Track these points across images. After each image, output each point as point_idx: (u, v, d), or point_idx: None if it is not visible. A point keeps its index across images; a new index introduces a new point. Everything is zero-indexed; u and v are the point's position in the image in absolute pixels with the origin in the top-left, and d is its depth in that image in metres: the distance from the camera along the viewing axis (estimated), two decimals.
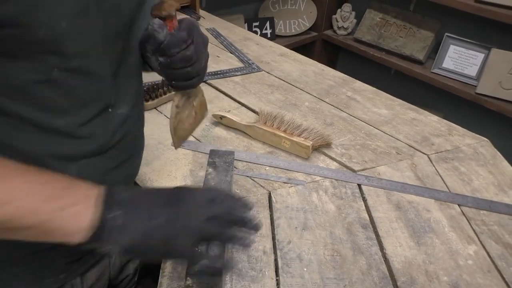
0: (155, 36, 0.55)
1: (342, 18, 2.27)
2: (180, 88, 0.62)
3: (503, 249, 0.71)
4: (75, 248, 0.46)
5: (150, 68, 0.64)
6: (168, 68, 0.58)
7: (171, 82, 0.61)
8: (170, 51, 0.56)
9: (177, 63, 0.57)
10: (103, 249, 0.47)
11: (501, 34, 1.84)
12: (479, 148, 0.96)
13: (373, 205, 0.78)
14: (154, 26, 0.55)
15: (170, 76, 0.60)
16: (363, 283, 0.64)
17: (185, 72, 0.59)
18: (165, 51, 0.56)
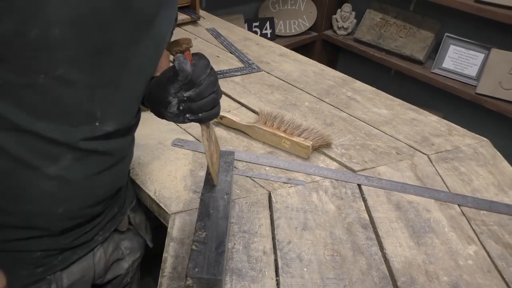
0: (183, 69, 0.56)
1: (342, 18, 2.27)
2: (208, 119, 0.62)
3: (503, 249, 0.71)
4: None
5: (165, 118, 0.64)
6: (196, 99, 0.59)
7: (197, 115, 0.61)
8: (198, 80, 0.58)
9: (206, 90, 0.59)
10: None
11: (501, 34, 1.84)
12: (479, 148, 0.96)
13: (373, 205, 0.78)
14: (180, 59, 0.57)
15: (197, 109, 0.60)
16: (363, 283, 0.64)
17: (211, 98, 0.60)
18: (194, 82, 0.58)
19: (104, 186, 0.64)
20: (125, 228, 0.76)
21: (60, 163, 0.56)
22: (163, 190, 0.78)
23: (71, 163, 0.57)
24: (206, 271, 0.55)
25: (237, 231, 0.70)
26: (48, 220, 0.60)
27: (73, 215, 0.62)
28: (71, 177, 0.58)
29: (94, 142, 0.58)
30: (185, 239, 0.68)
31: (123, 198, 0.75)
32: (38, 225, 0.60)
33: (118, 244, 0.76)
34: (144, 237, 0.81)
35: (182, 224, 0.71)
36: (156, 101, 0.62)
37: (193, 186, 0.79)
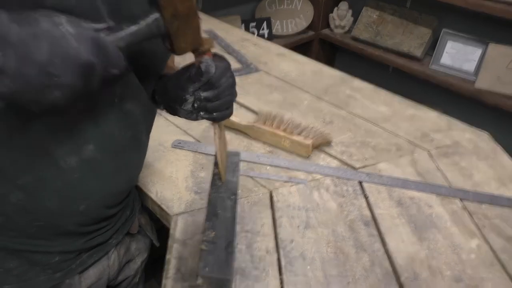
0: (209, 72, 0.56)
1: (339, 17, 2.27)
2: (222, 118, 0.62)
3: (506, 243, 0.71)
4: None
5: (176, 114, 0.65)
6: (213, 100, 0.58)
7: (212, 115, 0.60)
8: (219, 82, 0.57)
9: (224, 91, 0.58)
10: None
11: (498, 29, 1.84)
12: (479, 143, 0.96)
13: (374, 202, 0.78)
14: (208, 61, 0.56)
15: (212, 109, 0.60)
16: (367, 279, 0.64)
17: (228, 99, 0.60)
18: (214, 83, 0.57)
19: (122, 183, 0.65)
20: (136, 230, 0.77)
21: (82, 154, 0.56)
22: (164, 192, 0.78)
23: (92, 153, 0.57)
24: (217, 271, 0.54)
25: (239, 230, 0.70)
26: (68, 219, 0.60)
27: (93, 214, 0.63)
28: (92, 170, 0.58)
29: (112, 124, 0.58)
30: (188, 240, 0.68)
31: (133, 201, 0.75)
32: (58, 224, 0.60)
33: (129, 246, 0.77)
34: (151, 237, 0.82)
35: (184, 225, 0.71)
36: (172, 97, 0.63)
37: (194, 187, 0.79)
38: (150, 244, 0.83)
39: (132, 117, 0.61)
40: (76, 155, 0.56)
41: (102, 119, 0.57)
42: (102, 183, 0.61)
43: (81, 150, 0.56)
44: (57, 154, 0.54)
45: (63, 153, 0.55)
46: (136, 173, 0.70)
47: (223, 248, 0.58)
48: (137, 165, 0.69)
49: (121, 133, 0.60)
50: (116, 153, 0.61)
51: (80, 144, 0.56)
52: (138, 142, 0.66)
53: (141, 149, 0.69)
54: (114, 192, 0.64)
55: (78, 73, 0.42)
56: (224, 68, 0.58)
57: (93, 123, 0.56)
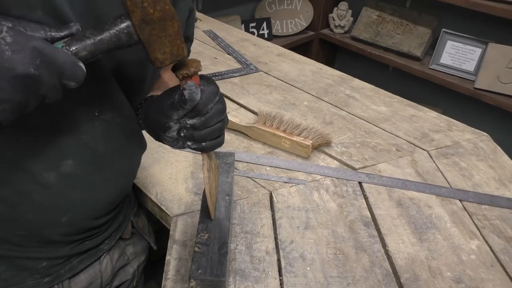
0: (193, 99, 0.50)
1: (338, 17, 2.27)
2: (212, 148, 0.56)
3: (506, 243, 0.71)
4: None
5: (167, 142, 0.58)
6: (200, 128, 0.53)
7: (200, 144, 0.54)
8: (205, 108, 0.51)
9: (212, 118, 0.53)
10: None
11: (498, 29, 1.84)
12: (479, 143, 0.96)
13: (374, 203, 0.78)
14: (192, 88, 0.50)
15: (200, 138, 0.53)
16: (367, 280, 0.64)
17: (218, 127, 0.54)
18: (200, 110, 0.51)
19: (110, 195, 0.63)
20: (128, 235, 0.76)
21: (61, 169, 0.55)
22: (164, 193, 0.78)
23: (72, 168, 0.55)
24: (209, 273, 0.55)
25: (239, 232, 0.70)
26: (51, 230, 0.59)
27: (78, 225, 0.61)
28: (73, 185, 0.56)
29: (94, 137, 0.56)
30: (188, 241, 0.68)
31: (126, 206, 0.74)
32: (41, 234, 0.58)
33: (124, 250, 0.75)
34: (148, 240, 0.81)
35: (184, 226, 0.71)
36: (154, 124, 0.56)
37: (194, 188, 0.79)
38: (148, 246, 0.82)
39: (116, 129, 0.59)
40: (54, 170, 0.54)
41: (82, 133, 0.55)
42: (85, 196, 0.59)
43: (59, 165, 0.54)
44: (34, 169, 0.53)
45: (40, 169, 0.53)
46: (127, 182, 0.68)
47: (216, 250, 0.58)
48: (128, 174, 0.67)
49: (106, 146, 0.58)
50: (101, 166, 0.59)
51: (58, 159, 0.54)
52: (128, 152, 0.63)
53: (133, 158, 0.66)
54: (102, 204, 0.63)
55: (16, 86, 0.38)
56: (211, 92, 0.52)
57: (71, 138, 0.54)
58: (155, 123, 0.55)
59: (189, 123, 0.52)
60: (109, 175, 0.61)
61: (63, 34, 0.43)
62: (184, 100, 0.50)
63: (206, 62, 1.25)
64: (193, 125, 0.52)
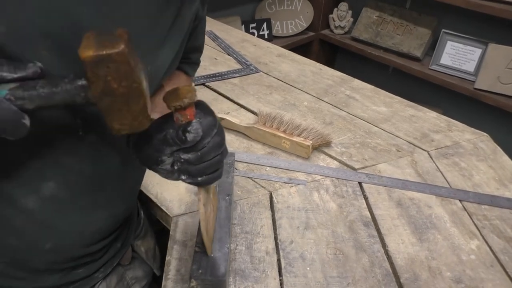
0: (194, 140, 0.45)
1: (339, 17, 2.27)
2: (209, 182, 0.50)
3: (506, 243, 0.71)
4: None
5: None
6: (198, 163, 0.47)
7: (196, 179, 0.49)
8: (202, 143, 0.46)
9: (210, 153, 0.47)
10: None
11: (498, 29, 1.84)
12: (479, 143, 0.96)
13: (374, 203, 0.78)
14: (198, 131, 0.45)
15: (196, 173, 0.48)
16: (366, 280, 0.64)
17: (216, 161, 0.48)
18: (196, 145, 0.46)
19: (102, 221, 0.58)
20: (128, 261, 0.71)
21: (42, 192, 0.50)
22: (164, 193, 0.78)
23: (54, 191, 0.50)
24: (210, 273, 0.55)
25: (239, 232, 0.70)
26: (35, 257, 0.55)
27: (65, 253, 0.57)
28: (56, 210, 0.52)
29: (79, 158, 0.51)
30: (188, 242, 0.69)
31: (127, 231, 0.69)
32: (25, 262, 0.55)
33: (123, 275, 0.70)
34: (151, 265, 0.76)
35: (184, 226, 0.71)
36: (145, 157, 0.50)
37: (194, 189, 0.79)
38: (152, 271, 0.77)
39: (106, 149, 0.53)
40: (33, 194, 0.50)
41: (64, 154, 0.50)
42: (71, 222, 0.55)
43: (39, 188, 0.50)
44: (12, 193, 0.49)
45: (19, 193, 0.49)
46: (124, 207, 0.63)
47: (216, 249, 0.58)
48: (124, 198, 0.62)
49: (95, 167, 0.53)
50: (90, 189, 0.54)
51: (37, 182, 0.50)
52: (122, 174, 0.58)
53: (128, 180, 0.61)
54: (92, 230, 0.58)
55: None
56: (208, 125, 0.46)
57: (52, 159, 0.49)
58: (145, 156, 0.50)
59: (183, 158, 0.47)
60: (100, 199, 0.56)
61: (15, 76, 0.37)
62: (182, 140, 0.45)
63: (206, 62, 1.25)
64: (187, 160, 0.47)
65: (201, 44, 0.72)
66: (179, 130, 0.45)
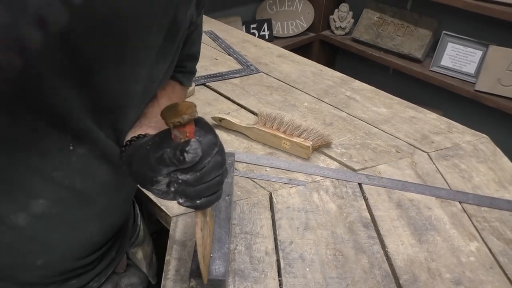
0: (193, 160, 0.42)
1: (339, 18, 2.27)
2: (207, 205, 0.47)
3: (505, 245, 0.71)
4: None
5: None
6: (196, 184, 0.44)
7: (194, 202, 0.46)
8: (202, 163, 0.43)
9: (210, 173, 0.44)
10: None
11: (499, 31, 1.84)
12: (479, 145, 0.96)
13: (374, 204, 0.78)
14: (197, 151, 0.42)
15: (194, 195, 0.45)
16: (366, 281, 0.64)
17: (215, 182, 0.45)
18: (196, 166, 0.43)
19: (94, 234, 0.58)
20: (123, 269, 0.70)
21: (31, 209, 0.49)
22: None
23: (44, 208, 0.49)
24: (209, 273, 0.55)
25: (239, 232, 0.70)
26: (26, 273, 0.54)
27: (58, 268, 0.56)
28: (47, 226, 0.51)
29: (69, 173, 0.50)
30: (187, 241, 0.69)
31: (121, 240, 0.68)
32: (16, 277, 0.54)
33: (117, 282, 0.69)
34: (147, 274, 0.74)
35: (184, 226, 0.71)
36: (139, 175, 0.47)
37: None
38: (147, 279, 0.77)
39: (97, 162, 0.52)
40: (23, 211, 0.48)
41: (54, 169, 0.48)
42: (62, 237, 0.53)
43: (29, 205, 0.48)
44: (2, 211, 0.48)
45: (7, 210, 0.48)
46: (117, 218, 0.62)
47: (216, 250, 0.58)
48: (117, 210, 0.61)
49: (85, 182, 0.52)
50: (81, 204, 0.53)
51: (26, 199, 0.48)
52: (113, 186, 0.56)
53: (120, 192, 0.59)
54: (85, 244, 0.57)
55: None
56: (208, 144, 0.43)
57: (41, 175, 0.48)
58: (140, 175, 0.47)
59: (181, 179, 0.44)
60: (91, 213, 0.55)
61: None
62: (180, 160, 0.42)
63: (207, 62, 1.25)
64: (186, 181, 0.44)
65: (196, 51, 0.69)
66: (177, 150, 0.42)
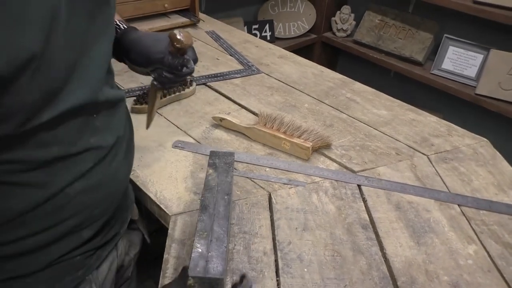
0: (181, 71, 0.68)
1: (341, 20, 2.28)
2: (170, 88, 0.82)
3: (503, 249, 0.71)
4: None
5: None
6: (173, 80, 0.70)
7: (164, 86, 0.72)
8: (188, 70, 0.69)
9: (183, 76, 0.70)
10: None
11: (500, 35, 1.84)
12: (479, 149, 0.96)
13: (373, 206, 0.78)
14: (189, 65, 0.68)
15: (167, 83, 0.70)
16: (363, 283, 0.64)
17: (183, 80, 0.75)
18: (181, 71, 0.68)
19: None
20: (136, 216, 0.80)
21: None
22: (164, 192, 0.78)
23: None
24: (208, 271, 0.55)
25: (237, 232, 0.71)
26: (85, 222, 0.61)
27: (106, 213, 0.64)
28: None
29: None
30: (186, 240, 0.69)
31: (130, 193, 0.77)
32: (79, 226, 0.60)
33: (127, 237, 0.78)
34: (143, 231, 0.83)
35: (183, 225, 0.72)
36: (130, 58, 0.69)
37: (193, 188, 0.79)
38: (142, 240, 0.84)
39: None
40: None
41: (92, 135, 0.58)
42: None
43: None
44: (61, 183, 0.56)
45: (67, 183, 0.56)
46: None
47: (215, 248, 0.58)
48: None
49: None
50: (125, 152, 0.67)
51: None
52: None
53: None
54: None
55: None
56: (194, 60, 0.69)
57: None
58: (136, 61, 0.69)
59: (165, 75, 0.68)
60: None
61: None
62: (178, 69, 0.67)
63: (208, 62, 1.25)
64: (168, 77, 0.68)
65: None
66: (178, 61, 0.67)
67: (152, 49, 0.67)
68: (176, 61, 0.67)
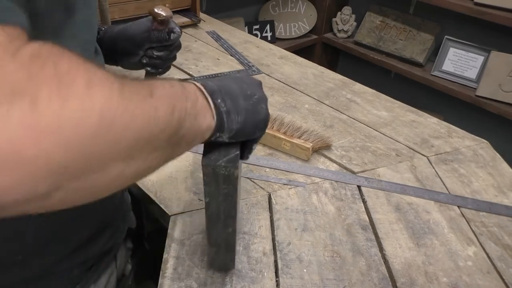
0: (169, 39, 0.69)
1: (342, 21, 2.28)
2: (164, 72, 0.76)
3: (503, 251, 0.71)
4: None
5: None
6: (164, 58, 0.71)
7: (158, 70, 0.73)
8: (176, 43, 0.70)
9: (174, 51, 0.73)
10: (216, 137, 0.47)
11: (500, 37, 1.84)
12: (479, 150, 0.96)
13: (372, 207, 0.78)
14: (175, 30, 0.70)
15: (160, 65, 0.72)
16: (363, 284, 0.64)
17: (173, 56, 0.74)
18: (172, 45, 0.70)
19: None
20: (134, 224, 0.80)
21: None
22: (163, 192, 0.78)
23: None
24: (223, 160, 0.49)
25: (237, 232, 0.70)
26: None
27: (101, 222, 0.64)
28: None
29: None
30: (186, 240, 0.69)
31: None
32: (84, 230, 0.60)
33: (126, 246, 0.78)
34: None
35: (182, 225, 0.72)
36: (119, 50, 0.69)
37: (193, 188, 0.79)
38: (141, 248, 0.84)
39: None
40: None
41: None
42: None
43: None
44: None
45: None
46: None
47: (229, 146, 0.50)
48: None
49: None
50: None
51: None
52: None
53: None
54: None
55: None
56: (178, 34, 0.70)
57: None
58: (125, 50, 0.70)
59: (156, 54, 0.69)
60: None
61: None
62: (166, 39, 0.67)
63: (209, 62, 1.25)
64: (160, 56, 0.69)
65: None
66: (164, 31, 0.69)
67: (136, 31, 0.69)
68: (162, 33, 0.70)
